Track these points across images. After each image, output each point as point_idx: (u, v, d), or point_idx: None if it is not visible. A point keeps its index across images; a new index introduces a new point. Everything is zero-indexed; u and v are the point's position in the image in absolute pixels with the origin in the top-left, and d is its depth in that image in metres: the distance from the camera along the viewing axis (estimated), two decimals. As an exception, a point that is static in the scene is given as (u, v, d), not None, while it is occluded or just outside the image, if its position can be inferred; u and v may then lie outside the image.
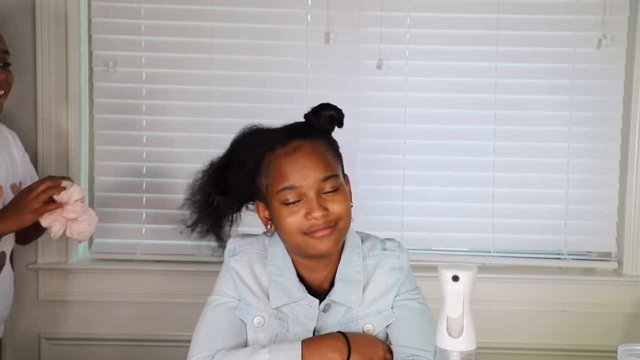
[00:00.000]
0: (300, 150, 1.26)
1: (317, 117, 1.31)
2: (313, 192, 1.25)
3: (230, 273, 1.34)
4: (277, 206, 1.27)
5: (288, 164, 1.25)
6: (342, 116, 1.33)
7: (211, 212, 1.35)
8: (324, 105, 1.33)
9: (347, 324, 1.34)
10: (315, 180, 1.25)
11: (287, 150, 1.26)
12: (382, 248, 1.38)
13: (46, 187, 1.69)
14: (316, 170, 1.25)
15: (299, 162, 1.25)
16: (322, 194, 1.26)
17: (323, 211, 1.24)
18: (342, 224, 1.28)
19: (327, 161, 1.28)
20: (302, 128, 1.31)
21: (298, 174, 1.24)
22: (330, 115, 1.32)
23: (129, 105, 2.41)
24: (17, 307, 2.41)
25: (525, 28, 2.37)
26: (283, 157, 1.26)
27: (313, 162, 1.25)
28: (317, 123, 1.31)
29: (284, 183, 1.25)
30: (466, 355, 1.00)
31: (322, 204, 1.25)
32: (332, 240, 1.27)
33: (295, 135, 1.28)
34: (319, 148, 1.28)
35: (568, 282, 2.42)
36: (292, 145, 1.27)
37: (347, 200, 1.29)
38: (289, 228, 1.26)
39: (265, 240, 1.38)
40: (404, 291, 1.36)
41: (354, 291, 1.33)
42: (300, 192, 1.25)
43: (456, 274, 1.00)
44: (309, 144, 1.27)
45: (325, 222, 1.25)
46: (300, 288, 1.32)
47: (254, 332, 1.33)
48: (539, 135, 2.40)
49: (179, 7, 2.36)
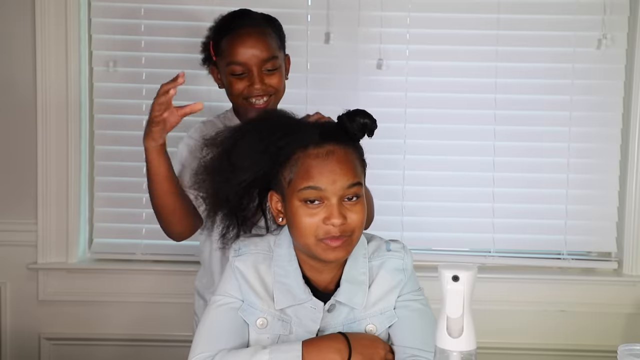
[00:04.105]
0: (333, 155, 1.25)
1: (351, 122, 1.30)
2: (336, 198, 1.24)
3: (235, 273, 1.34)
4: (295, 203, 1.26)
5: (318, 166, 1.25)
6: (376, 126, 1.32)
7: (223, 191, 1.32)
8: (359, 111, 1.31)
9: (350, 324, 1.34)
10: (341, 187, 1.24)
11: (320, 152, 1.25)
12: (386, 249, 1.38)
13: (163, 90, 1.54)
14: (344, 177, 1.25)
15: (329, 166, 1.25)
16: (344, 200, 1.26)
17: (342, 219, 1.24)
18: (355, 235, 1.28)
19: (356, 170, 1.28)
20: (336, 132, 1.30)
21: (326, 177, 1.24)
22: (364, 123, 1.30)
23: (129, 105, 2.41)
24: (17, 307, 2.42)
25: (525, 28, 2.37)
26: (314, 158, 1.25)
27: (343, 169, 1.25)
28: (349, 128, 1.30)
29: (310, 182, 1.24)
30: (466, 355, 1.00)
31: (343, 212, 1.24)
32: (343, 251, 1.27)
33: (329, 139, 1.27)
34: (350, 156, 1.28)
35: (568, 282, 2.42)
36: (325, 148, 1.26)
37: (365, 210, 1.29)
38: (305, 229, 1.26)
39: (271, 240, 1.37)
40: (407, 292, 1.36)
41: (359, 292, 1.33)
42: (323, 195, 1.24)
43: (456, 274, 1.00)
44: (342, 151, 1.27)
45: (341, 231, 1.25)
46: (306, 290, 1.32)
47: (257, 334, 1.32)
48: (539, 135, 2.40)
49: (179, 7, 2.36)
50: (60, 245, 2.39)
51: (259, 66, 1.68)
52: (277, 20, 1.80)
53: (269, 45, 1.71)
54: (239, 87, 1.70)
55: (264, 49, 1.69)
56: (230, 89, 1.72)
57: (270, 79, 1.70)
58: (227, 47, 1.70)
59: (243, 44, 1.68)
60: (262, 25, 1.74)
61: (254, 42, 1.69)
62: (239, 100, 1.72)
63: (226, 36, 1.71)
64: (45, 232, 2.38)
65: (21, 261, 2.38)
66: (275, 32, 1.76)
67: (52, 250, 2.39)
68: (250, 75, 1.69)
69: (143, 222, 2.42)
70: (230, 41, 1.70)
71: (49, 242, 2.38)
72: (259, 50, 1.68)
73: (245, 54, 1.68)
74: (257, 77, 1.68)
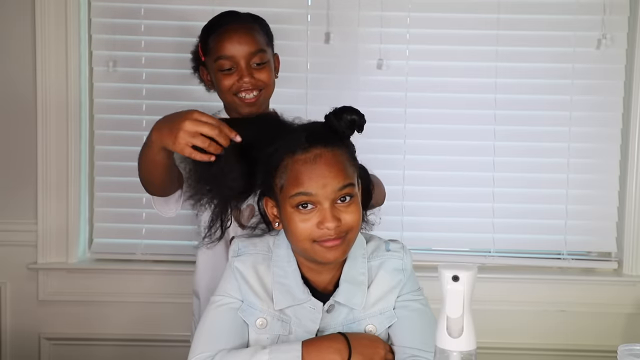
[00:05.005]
0: (321, 159, 1.24)
1: (338, 120, 1.28)
2: (328, 202, 1.23)
3: (234, 274, 1.34)
4: (289, 210, 1.25)
5: (307, 171, 1.23)
6: (364, 122, 1.30)
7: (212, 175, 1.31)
8: (346, 108, 1.30)
9: (350, 324, 1.34)
10: (332, 190, 1.23)
11: (308, 158, 1.24)
12: (385, 249, 1.37)
13: (217, 131, 1.32)
14: (334, 180, 1.23)
15: (318, 171, 1.23)
16: (336, 203, 1.25)
17: (336, 222, 1.23)
18: (351, 234, 1.27)
19: (346, 171, 1.26)
20: (323, 133, 1.28)
21: (316, 182, 1.23)
22: (352, 119, 1.28)
23: (129, 105, 2.41)
24: (17, 307, 2.42)
25: (525, 28, 2.37)
26: (303, 164, 1.24)
27: (332, 172, 1.24)
28: (337, 126, 1.28)
29: (300, 188, 1.23)
30: (466, 355, 1.00)
31: (336, 215, 1.24)
32: (340, 251, 1.26)
33: (316, 142, 1.25)
34: (339, 157, 1.26)
35: (568, 282, 2.42)
36: (313, 152, 1.24)
37: (359, 210, 1.28)
38: (299, 234, 1.25)
39: (270, 241, 1.37)
40: (406, 292, 1.36)
41: (358, 292, 1.33)
42: (315, 199, 1.23)
43: (456, 274, 1.00)
44: (329, 153, 1.25)
45: (337, 232, 1.24)
46: (305, 290, 1.32)
47: (256, 334, 1.32)
48: (539, 135, 2.40)
49: (179, 7, 2.36)
50: (60, 245, 2.39)
51: (246, 59, 1.69)
52: (264, 20, 1.81)
53: (256, 39, 1.71)
54: (228, 83, 1.70)
55: (250, 42, 1.70)
56: (220, 86, 1.72)
57: (259, 74, 1.71)
58: (214, 44, 1.71)
59: (230, 38, 1.69)
60: (249, 22, 1.75)
61: (240, 36, 1.70)
62: (228, 97, 1.72)
63: (213, 34, 1.72)
64: (45, 232, 2.38)
65: (21, 261, 2.38)
66: (262, 29, 1.77)
67: (52, 250, 2.39)
68: (238, 69, 1.69)
69: (143, 222, 2.42)
70: (216, 38, 1.71)
71: (49, 242, 2.38)
72: (246, 44, 1.69)
73: (232, 48, 1.68)
74: (246, 70, 1.69)
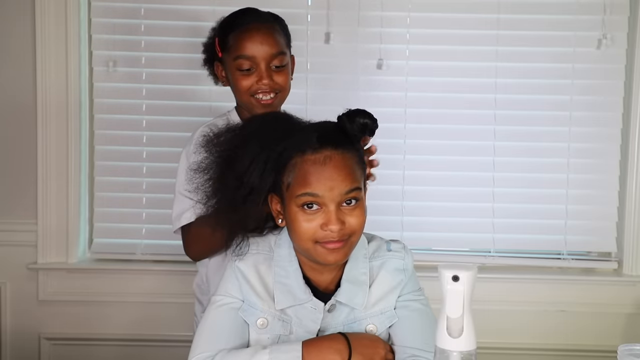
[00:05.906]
0: (331, 162, 1.24)
1: (351, 122, 1.28)
2: (334, 204, 1.23)
3: (236, 273, 1.34)
4: (294, 208, 1.25)
5: (315, 172, 1.23)
6: (377, 126, 1.30)
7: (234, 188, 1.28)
8: (359, 111, 1.29)
9: (350, 324, 1.34)
10: (339, 193, 1.23)
11: (317, 158, 1.24)
12: (387, 249, 1.38)
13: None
14: (342, 184, 1.23)
15: (327, 173, 1.23)
16: (342, 205, 1.25)
17: (340, 225, 1.23)
18: (354, 238, 1.27)
19: (354, 174, 1.26)
20: (335, 134, 1.27)
21: (323, 184, 1.23)
22: (364, 123, 1.28)
23: (129, 105, 2.41)
24: (17, 307, 2.42)
25: (525, 28, 2.37)
26: (312, 164, 1.24)
27: (341, 175, 1.24)
28: (349, 129, 1.28)
29: (307, 189, 1.23)
30: (466, 355, 1.00)
31: (341, 217, 1.24)
32: (342, 253, 1.27)
33: (327, 143, 1.25)
34: (348, 161, 1.25)
35: (568, 282, 2.42)
36: (323, 154, 1.24)
37: (364, 214, 1.28)
38: (302, 234, 1.25)
39: (272, 240, 1.37)
40: (407, 292, 1.36)
41: (360, 292, 1.33)
42: (321, 201, 1.23)
43: (456, 274, 1.00)
44: (339, 156, 1.24)
45: (340, 235, 1.24)
46: (306, 290, 1.32)
47: (257, 334, 1.32)
48: (539, 135, 2.40)
49: (179, 7, 2.36)
50: (60, 245, 2.39)
51: (267, 61, 1.67)
52: (284, 20, 1.79)
53: (277, 41, 1.70)
54: (246, 84, 1.68)
55: (272, 44, 1.68)
56: (237, 85, 1.70)
57: (278, 77, 1.69)
58: (235, 42, 1.69)
59: (251, 38, 1.67)
60: (270, 22, 1.73)
61: (262, 37, 1.68)
62: (245, 97, 1.71)
63: (233, 31, 1.70)
64: (45, 232, 2.38)
65: (21, 261, 2.38)
66: (282, 30, 1.75)
67: (52, 250, 2.39)
68: (257, 70, 1.67)
69: (143, 222, 2.42)
70: (238, 36, 1.69)
71: (49, 242, 2.38)
72: (267, 45, 1.67)
73: (253, 48, 1.67)
74: (265, 72, 1.67)
